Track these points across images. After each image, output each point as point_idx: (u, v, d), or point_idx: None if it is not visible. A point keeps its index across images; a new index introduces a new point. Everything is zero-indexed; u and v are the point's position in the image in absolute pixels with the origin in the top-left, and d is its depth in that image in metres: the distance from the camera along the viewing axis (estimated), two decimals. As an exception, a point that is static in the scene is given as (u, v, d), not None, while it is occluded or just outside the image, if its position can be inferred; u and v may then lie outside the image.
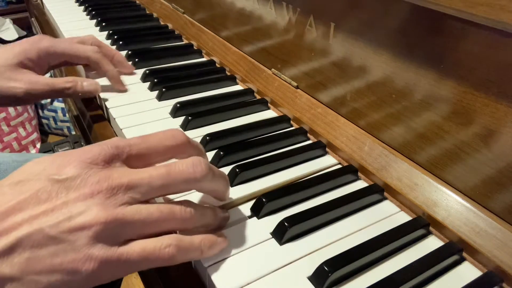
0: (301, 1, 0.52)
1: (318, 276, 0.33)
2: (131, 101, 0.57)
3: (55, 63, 0.57)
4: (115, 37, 0.76)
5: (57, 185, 0.27)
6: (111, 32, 0.78)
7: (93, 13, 0.88)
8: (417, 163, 0.42)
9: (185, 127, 0.52)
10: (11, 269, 0.25)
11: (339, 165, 0.47)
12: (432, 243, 0.38)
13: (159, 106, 0.57)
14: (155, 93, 0.59)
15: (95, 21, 0.85)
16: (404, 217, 0.41)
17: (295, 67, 0.56)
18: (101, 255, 0.27)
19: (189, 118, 0.52)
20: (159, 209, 0.30)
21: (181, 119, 0.53)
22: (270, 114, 0.57)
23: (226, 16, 0.69)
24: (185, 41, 0.79)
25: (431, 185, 0.40)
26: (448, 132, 0.39)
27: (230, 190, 0.38)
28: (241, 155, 0.47)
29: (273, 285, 0.33)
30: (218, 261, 0.34)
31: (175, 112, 0.54)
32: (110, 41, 0.76)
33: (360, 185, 0.45)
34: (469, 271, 0.36)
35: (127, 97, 0.58)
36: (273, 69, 0.60)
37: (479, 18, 0.32)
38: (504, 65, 0.33)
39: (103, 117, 0.59)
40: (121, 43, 0.74)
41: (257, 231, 0.37)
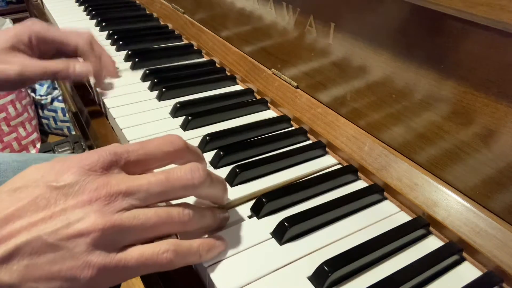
0: (301, 1, 0.52)
1: (318, 276, 0.33)
2: (131, 101, 0.57)
3: (46, 49, 0.56)
4: (115, 37, 0.76)
5: (55, 192, 0.27)
6: (111, 32, 0.78)
7: (93, 13, 0.88)
8: (417, 163, 0.42)
9: (185, 127, 0.52)
10: (10, 277, 0.25)
11: (339, 165, 0.48)
12: (432, 243, 0.38)
13: (159, 106, 0.57)
14: (155, 93, 0.59)
15: (95, 21, 0.85)
16: (404, 217, 0.41)
17: (295, 67, 0.56)
18: (99, 262, 0.27)
19: (189, 118, 0.52)
20: (157, 214, 0.30)
21: (181, 119, 0.53)
22: (270, 114, 0.57)
23: (226, 16, 0.69)
24: (185, 41, 0.79)
25: (431, 185, 0.40)
26: (448, 132, 0.39)
27: (228, 193, 0.38)
28: (241, 155, 0.47)
29: (273, 285, 0.33)
30: (218, 261, 0.34)
31: (175, 112, 0.54)
32: (110, 41, 0.76)
33: (360, 185, 0.45)
34: (469, 271, 0.36)
35: (127, 97, 0.58)
36: (273, 69, 0.60)
37: (479, 18, 0.32)
38: (504, 65, 0.33)
39: (101, 113, 0.59)
40: (121, 43, 0.74)
41: (257, 231, 0.37)
